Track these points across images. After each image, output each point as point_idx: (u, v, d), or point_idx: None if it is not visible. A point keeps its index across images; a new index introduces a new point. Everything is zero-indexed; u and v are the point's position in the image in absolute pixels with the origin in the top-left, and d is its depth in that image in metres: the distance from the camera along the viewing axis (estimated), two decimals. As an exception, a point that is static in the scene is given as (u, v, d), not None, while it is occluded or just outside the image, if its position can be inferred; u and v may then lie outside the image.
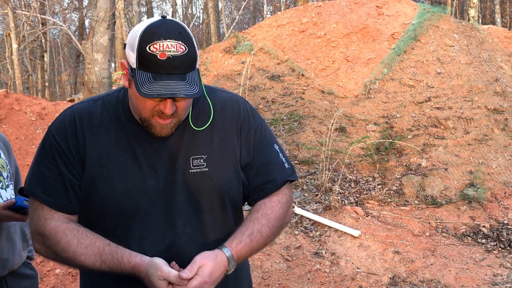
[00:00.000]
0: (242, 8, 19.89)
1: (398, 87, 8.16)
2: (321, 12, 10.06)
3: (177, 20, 1.50)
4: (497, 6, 19.48)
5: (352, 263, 4.96)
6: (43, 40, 17.59)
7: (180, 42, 1.41)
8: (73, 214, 1.58)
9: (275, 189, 1.66)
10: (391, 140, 6.99)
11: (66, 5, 21.89)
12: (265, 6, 22.06)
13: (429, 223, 5.72)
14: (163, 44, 1.39)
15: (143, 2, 22.50)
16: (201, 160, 1.57)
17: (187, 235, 1.55)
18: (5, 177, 2.16)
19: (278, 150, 1.70)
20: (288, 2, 27.23)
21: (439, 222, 5.74)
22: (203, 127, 1.59)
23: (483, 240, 5.47)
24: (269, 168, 1.66)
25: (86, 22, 20.69)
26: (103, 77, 6.72)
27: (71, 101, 7.35)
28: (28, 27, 14.89)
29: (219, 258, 1.49)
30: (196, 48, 1.46)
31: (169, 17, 1.49)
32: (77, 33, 20.59)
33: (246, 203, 1.74)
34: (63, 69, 21.19)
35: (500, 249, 5.33)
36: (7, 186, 2.16)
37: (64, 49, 19.89)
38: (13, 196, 2.17)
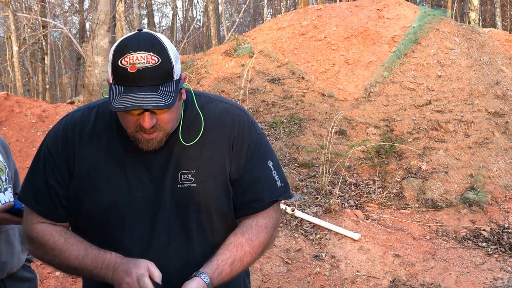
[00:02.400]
0: (242, 11, 19.90)
1: (399, 90, 8.15)
2: (322, 15, 10.06)
3: (153, 32, 1.49)
4: (498, 9, 19.50)
5: (352, 266, 4.95)
6: (43, 43, 17.61)
7: (151, 53, 1.40)
8: (62, 222, 1.61)
9: (262, 208, 1.62)
10: (391, 143, 6.99)
11: (67, 7, 21.93)
12: (265, 9, 22.10)
13: (429, 226, 5.71)
14: (132, 57, 1.39)
15: (144, 5, 22.54)
16: (189, 176, 1.55)
17: (173, 249, 1.55)
18: (4, 180, 2.16)
19: (271, 167, 1.65)
20: (288, 5, 27.27)
21: (440, 226, 5.73)
22: (192, 142, 1.57)
23: (484, 244, 5.46)
24: (258, 186, 1.61)
25: (87, 25, 20.72)
26: (104, 80, 6.71)
27: (71, 103, 7.36)
28: (29, 30, 14.90)
29: None
30: (172, 59, 1.44)
31: (146, 30, 1.49)
32: (77, 35, 20.60)
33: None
34: (63, 71, 21.21)
35: (500, 252, 5.31)
36: (6, 189, 2.16)
37: (65, 52, 19.91)
38: (12, 199, 2.17)
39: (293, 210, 5.55)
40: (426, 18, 9.25)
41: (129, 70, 1.39)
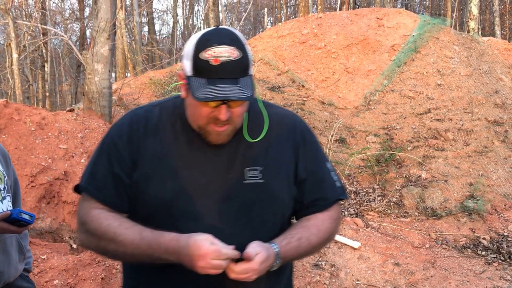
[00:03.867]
0: (243, 19, 19.95)
1: (398, 98, 8.18)
2: (322, 23, 10.11)
3: (231, 28, 1.55)
4: (497, 18, 19.55)
5: (352, 275, 4.94)
6: (44, 50, 17.62)
7: (233, 47, 1.45)
8: (122, 212, 1.60)
9: (326, 207, 1.68)
10: (391, 152, 7.00)
11: (68, 15, 22.01)
12: (265, 17, 22.19)
13: (429, 235, 5.70)
14: (215, 50, 1.44)
15: (144, 13, 22.61)
16: (256, 172, 1.58)
17: (236, 244, 1.50)
18: (2, 188, 2.13)
19: (330, 168, 1.72)
20: (288, 13, 27.38)
21: (439, 234, 5.73)
22: (257, 139, 1.62)
23: (483, 252, 5.46)
24: (322, 185, 1.68)
25: (88, 32, 20.78)
26: (103, 87, 6.70)
27: (71, 110, 7.36)
28: (29, 37, 14.93)
29: (270, 252, 1.50)
30: (249, 55, 1.50)
31: (223, 26, 1.55)
32: (78, 43, 20.65)
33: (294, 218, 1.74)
34: (64, 79, 21.24)
35: (500, 261, 5.31)
36: (4, 198, 2.12)
37: (65, 59, 19.94)
38: (10, 208, 2.13)
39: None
40: (426, 27, 9.28)
41: (212, 63, 1.43)
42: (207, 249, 1.42)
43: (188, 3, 28.75)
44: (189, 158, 1.57)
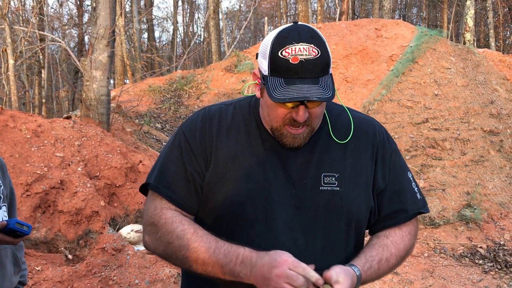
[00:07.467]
0: (243, 27, 20.05)
1: (397, 108, 8.25)
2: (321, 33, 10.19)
3: (309, 24, 1.47)
4: (491, 31, 19.72)
5: (351, 283, 4.96)
6: (41, 56, 17.56)
7: (312, 45, 1.36)
8: (190, 213, 1.54)
9: (405, 220, 1.58)
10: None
11: (66, 21, 22.02)
12: (266, 26, 22.28)
13: (428, 243, 5.74)
14: (295, 48, 1.35)
15: (144, 20, 22.63)
16: (333, 179, 1.49)
17: (307, 256, 1.42)
18: None
19: (411, 178, 1.62)
20: (288, 22, 27.42)
21: (437, 243, 5.77)
22: (344, 141, 1.53)
23: (480, 261, 5.50)
24: (402, 196, 1.57)
25: (86, 38, 20.75)
26: (102, 95, 6.61)
27: (68, 117, 7.32)
28: (26, 43, 14.89)
29: (354, 280, 1.40)
30: (329, 52, 1.41)
31: (301, 22, 1.46)
32: (76, 48, 20.64)
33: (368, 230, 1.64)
34: (61, 85, 21.17)
35: (497, 270, 5.36)
36: (0, 208, 2.03)
37: (63, 65, 19.90)
38: (5, 218, 2.03)
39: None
40: (423, 38, 9.38)
41: (290, 61, 1.35)
42: (287, 258, 1.34)
43: (188, 11, 28.82)
44: (263, 160, 1.49)
